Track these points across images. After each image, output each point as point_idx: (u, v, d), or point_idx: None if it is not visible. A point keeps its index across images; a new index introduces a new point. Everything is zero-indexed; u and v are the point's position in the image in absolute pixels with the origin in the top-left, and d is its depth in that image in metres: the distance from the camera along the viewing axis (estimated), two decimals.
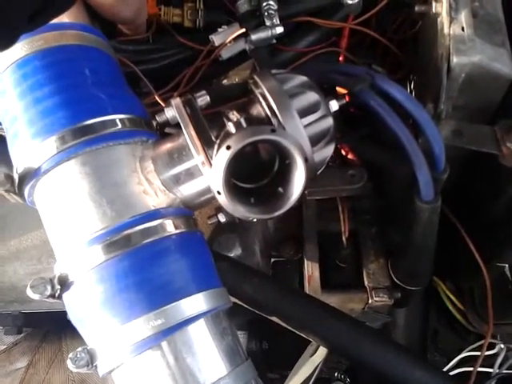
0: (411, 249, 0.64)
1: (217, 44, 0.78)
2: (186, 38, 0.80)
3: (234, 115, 0.53)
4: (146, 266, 0.48)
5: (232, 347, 0.51)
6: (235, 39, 0.78)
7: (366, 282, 0.71)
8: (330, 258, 0.74)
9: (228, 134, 0.50)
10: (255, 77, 0.56)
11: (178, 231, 0.51)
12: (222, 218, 0.61)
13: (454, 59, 0.59)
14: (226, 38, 0.77)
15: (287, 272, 0.82)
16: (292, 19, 0.74)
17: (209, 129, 0.53)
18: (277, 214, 0.51)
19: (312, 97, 0.54)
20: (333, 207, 0.73)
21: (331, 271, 0.74)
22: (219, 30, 0.78)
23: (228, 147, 0.47)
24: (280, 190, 0.51)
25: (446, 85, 0.60)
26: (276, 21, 0.72)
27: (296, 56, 0.75)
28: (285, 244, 0.76)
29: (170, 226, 0.51)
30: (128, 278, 0.48)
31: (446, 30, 0.61)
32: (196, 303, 0.49)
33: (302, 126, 0.52)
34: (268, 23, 0.71)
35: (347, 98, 0.64)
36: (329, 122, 0.55)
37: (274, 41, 0.72)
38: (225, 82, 0.78)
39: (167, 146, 0.55)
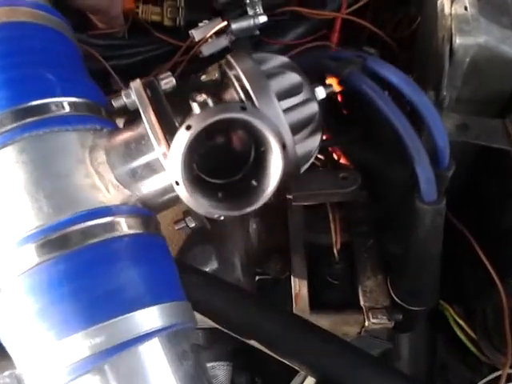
0: (413, 260, 0.55)
1: (197, 39, 0.72)
2: (165, 34, 0.75)
3: (202, 97, 0.45)
4: (86, 272, 0.41)
5: (192, 375, 0.42)
6: (217, 35, 0.72)
7: (361, 302, 0.61)
8: (320, 274, 0.65)
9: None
10: (229, 57, 0.49)
11: (131, 232, 0.43)
12: (190, 222, 0.53)
13: (457, 40, 0.51)
14: (207, 33, 0.72)
15: (275, 293, 0.73)
16: (277, 9, 0.68)
17: (173, 115, 0.46)
18: (248, 210, 0.42)
19: (293, 78, 0.47)
20: (323, 216, 0.65)
21: (322, 289, 0.65)
22: (200, 24, 0.73)
23: (188, 127, 0.39)
24: (253, 183, 0.43)
25: (449, 72, 0.53)
26: (259, 10, 0.65)
27: (282, 50, 0.68)
28: (270, 259, 0.67)
29: (121, 226, 0.43)
30: (63, 285, 0.40)
31: (447, 11, 0.54)
32: (148, 318, 0.41)
33: (281, 109, 0.45)
34: (250, 12, 0.65)
35: (338, 88, 0.58)
36: (313, 107, 0.47)
37: (258, 32, 0.66)
38: (203, 77, 0.71)
39: (124, 135, 0.47)
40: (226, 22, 0.69)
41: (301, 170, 0.51)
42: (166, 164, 0.44)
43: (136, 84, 0.48)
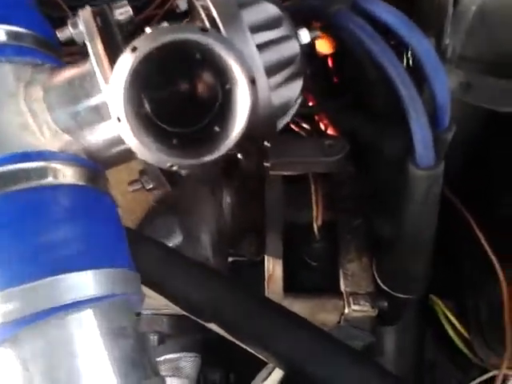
0: (403, 238, 0.48)
1: None
2: None
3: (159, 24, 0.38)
4: (6, 224, 0.34)
5: (131, 357, 0.35)
6: None
7: (342, 286, 0.54)
8: (297, 254, 0.57)
9: None
10: None
11: (69, 182, 0.36)
12: (146, 183, 0.45)
13: None
14: None
15: (250, 277, 0.66)
16: None
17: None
18: (207, 158, 0.35)
19: (271, 9, 0.40)
20: (305, 190, 0.58)
21: (298, 270, 0.58)
22: None
23: (134, 49, 0.32)
24: (216, 128, 0.36)
25: (452, 21, 0.46)
26: None
27: None
28: (245, 238, 0.60)
29: (56, 174, 0.36)
30: None
31: None
32: (79, 284, 0.34)
33: (254, 42, 0.38)
34: None
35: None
36: (293, 47, 0.40)
37: None
38: None
39: (68, 72, 0.40)
40: None
41: (278, 126, 0.44)
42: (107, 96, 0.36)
43: (85, 12, 0.40)
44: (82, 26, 0.40)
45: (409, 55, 0.59)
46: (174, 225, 0.55)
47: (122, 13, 0.41)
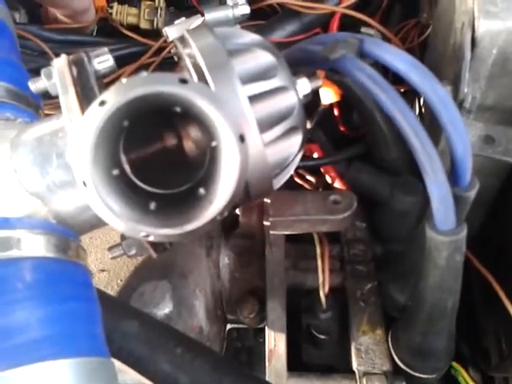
0: (422, 307, 0.42)
1: (171, 38, 0.62)
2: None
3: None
4: None
5: None
6: None
7: (354, 364, 0.47)
8: (303, 326, 0.51)
9: None
10: (185, 33, 0.38)
11: (36, 254, 0.32)
12: (128, 248, 0.40)
13: (482, 25, 0.40)
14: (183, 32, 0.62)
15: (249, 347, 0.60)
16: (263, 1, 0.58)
17: None
18: (190, 227, 0.30)
19: (264, 58, 0.36)
20: (309, 250, 0.52)
21: (304, 345, 0.51)
22: (176, 22, 0.63)
23: (102, 102, 0.28)
24: (201, 191, 0.31)
25: (471, 67, 0.41)
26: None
27: None
28: (243, 302, 0.54)
29: (21, 244, 0.32)
30: None
31: None
32: (44, 377, 0.28)
33: (245, 95, 0.33)
34: (230, 2, 0.55)
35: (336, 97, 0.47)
36: (290, 98, 0.36)
37: (238, 26, 0.56)
38: None
39: (38, 127, 0.36)
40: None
41: (274, 186, 0.39)
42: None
43: (59, 61, 0.37)
44: (55, 77, 0.36)
45: (421, 103, 0.54)
46: (164, 291, 0.49)
47: (102, 61, 0.37)
